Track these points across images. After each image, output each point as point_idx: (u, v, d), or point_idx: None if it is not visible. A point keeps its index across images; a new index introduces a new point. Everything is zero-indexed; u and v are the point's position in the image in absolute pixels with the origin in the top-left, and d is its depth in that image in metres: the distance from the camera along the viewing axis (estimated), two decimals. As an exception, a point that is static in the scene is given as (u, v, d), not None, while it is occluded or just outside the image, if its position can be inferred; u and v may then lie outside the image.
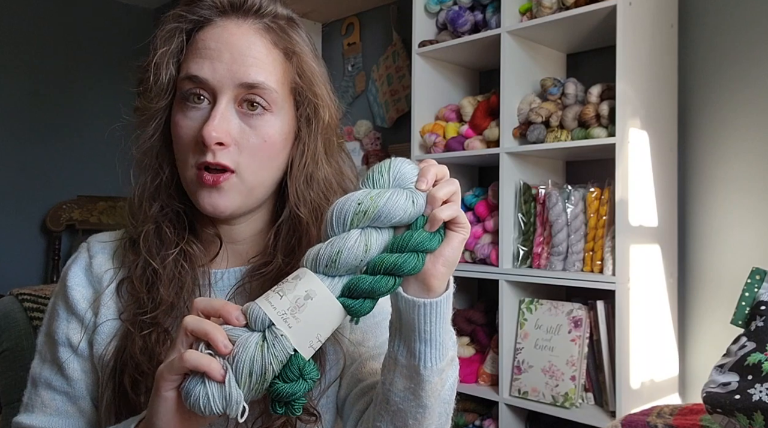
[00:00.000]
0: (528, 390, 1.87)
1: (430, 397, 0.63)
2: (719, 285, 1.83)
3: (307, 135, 0.76)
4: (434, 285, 0.60)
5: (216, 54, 0.70)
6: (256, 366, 0.54)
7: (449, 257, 0.60)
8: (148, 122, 0.74)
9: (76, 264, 0.79)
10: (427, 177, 0.60)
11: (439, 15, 2.19)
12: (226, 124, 0.69)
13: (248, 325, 0.56)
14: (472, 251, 2.09)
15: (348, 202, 0.58)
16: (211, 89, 0.70)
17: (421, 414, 0.64)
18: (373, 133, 2.76)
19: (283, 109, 0.73)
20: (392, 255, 0.58)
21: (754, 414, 0.99)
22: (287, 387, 0.55)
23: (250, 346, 0.54)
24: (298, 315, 0.55)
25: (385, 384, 0.65)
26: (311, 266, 0.57)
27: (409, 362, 0.62)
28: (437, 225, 0.59)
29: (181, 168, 0.72)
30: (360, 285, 0.57)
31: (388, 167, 0.60)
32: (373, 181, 0.59)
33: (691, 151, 1.90)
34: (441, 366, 0.63)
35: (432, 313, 0.60)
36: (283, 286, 0.57)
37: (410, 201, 0.58)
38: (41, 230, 3.44)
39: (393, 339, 0.64)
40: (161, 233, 0.74)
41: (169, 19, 0.74)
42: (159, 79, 0.72)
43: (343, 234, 0.58)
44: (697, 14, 1.90)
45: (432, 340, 0.61)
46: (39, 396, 0.76)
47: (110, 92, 3.39)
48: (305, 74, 0.75)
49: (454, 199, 0.60)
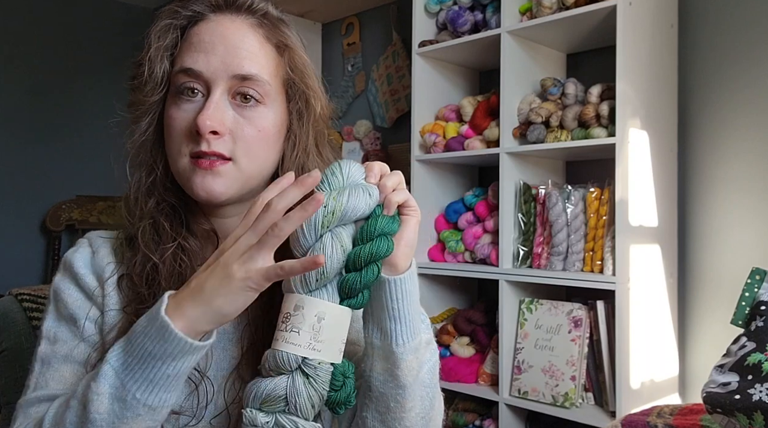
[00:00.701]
0: (528, 390, 1.87)
1: (407, 377, 0.66)
2: (719, 285, 1.83)
3: (299, 128, 0.77)
4: (398, 264, 0.65)
5: (210, 47, 0.71)
6: (314, 400, 0.59)
7: (409, 239, 0.66)
8: (142, 117, 0.74)
9: (80, 253, 0.78)
10: (374, 171, 0.65)
11: (439, 15, 2.19)
12: (221, 114, 0.70)
13: (282, 371, 0.59)
14: (472, 251, 2.09)
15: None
16: (205, 81, 0.71)
17: (401, 396, 0.66)
18: (373, 132, 2.76)
19: (276, 101, 0.74)
20: (365, 245, 0.62)
21: (754, 414, 0.99)
22: (340, 393, 0.61)
23: (300, 388, 0.59)
24: (320, 338, 0.59)
25: (365, 371, 0.68)
26: (302, 288, 0.61)
27: (383, 343, 0.66)
28: (394, 208, 0.64)
29: (174, 158, 0.72)
30: (353, 284, 0.61)
31: (339, 169, 0.64)
32: (329, 183, 0.63)
33: (691, 151, 1.90)
34: (414, 345, 0.66)
35: (398, 290, 0.64)
36: (292, 322, 0.60)
37: (367, 194, 0.63)
38: (41, 230, 3.43)
39: (367, 325, 0.67)
40: (159, 228, 0.74)
41: (163, 15, 0.75)
42: (153, 73, 0.72)
43: (316, 245, 0.61)
44: (697, 14, 1.90)
45: (401, 318, 0.65)
46: (56, 371, 0.72)
47: (110, 92, 3.38)
48: (297, 67, 0.76)
49: (400, 188, 0.66)
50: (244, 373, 0.73)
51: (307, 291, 0.60)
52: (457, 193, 2.29)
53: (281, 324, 0.60)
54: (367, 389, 0.68)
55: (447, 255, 2.17)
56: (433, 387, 0.71)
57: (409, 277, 0.65)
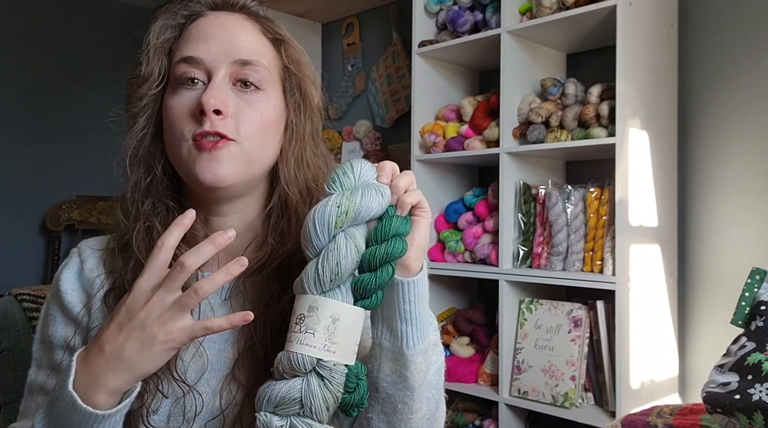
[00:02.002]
0: (528, 390, 1.87)
1: (416, 378, 0.66)
2: (719, 285, 1.83)
3: (297, 119, 0.77)
4: (411, 265, 0.64)
5: (209, 36, 0.72)
6: (329, 402, 0.59)
7: (421, 240, 0.65)
8: (140, 113, 0.74)
9: (68, 269, 0.79)
10: (386, 170, 0.64)
11: (439, 15, 2.19)
12: (223, 96, 0.70)
13: (296, 373, 0.59)
14: (472, 251, 2.09)
15: (327, 208, 0.61)
16: (206, 68, 0.71)
17: (409, 398, 0.66)
18: (373, 133, 2.76)
19: (274, 91, 0.75)
20: (380, 245, 0.62)
21: (754, 413, 0.99)
22: (354, 395, 0.60)
23: (315, 390, 0.58)
24: (335, 339, 0.59)
25: (372, 372, 0.67)
26: (316, 289, 0.60)
27: (393, 344, 0.65)
28: (407, 209, 0.64)
29: (176, 145, 0.71)
30: (367, 285, 0.61)
31: (351, 168, 0.64)
32: (341, 183, 0.63)
33: (691, 151, 1.90)
34: (423, 347, 0.66)
35: (411, 292, 0.64)
36: (307, 323, 0.59)
37: (379, 194, 0.62)
38: (40, 230, 3.43)
39: (376, 326, 0.67)
40: (152, 232, 0.73)
41: (161, 14, 0.76)
42: (152, 69, 0.73)
43: (330, 245, 0.60)
44: (697, 14, 1.90)
45: (412, 319, 0.64)
46: (34, 402, 0.75)
47: (110, 92, 3.36)
48: (293, 58, 0.77)
49: (412, 188, 0.65)
50: (240, 375, 0.72)
51: (321, 292, 0.60)
52: (457, 193, 2.29)
53: (295, 326, 0.59)
54: (374, 390, 0.67)
55: (447, 255, 2.17)
56: (439, 389, 0.71)
57: (421, 279, 0.65)
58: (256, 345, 0.71)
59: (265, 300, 0.73)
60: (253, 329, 0.72)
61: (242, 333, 0.73)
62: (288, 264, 0.74)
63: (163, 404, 0.70)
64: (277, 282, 0.74)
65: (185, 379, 0.71)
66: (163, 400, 0.71)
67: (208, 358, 0.73)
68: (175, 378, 0.70)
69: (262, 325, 0.72)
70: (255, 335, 0.72)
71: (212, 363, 0.73)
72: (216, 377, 0.73)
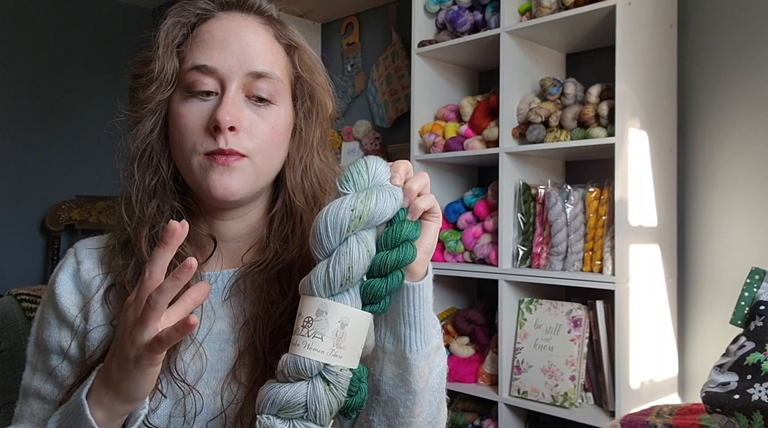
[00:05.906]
0: (527, 390, 1.87)
1: (418, 382, 0.65)
2: (719, 285, 1.83)
3: (306, 126, 0.77)
4: (418, 270, 0.63)
5: (224, 44, 0.70)
6: (333, 407, 0.58)
7: (429, 244, 0.64)
8: (148, 115, 0.72)
9: (64, 271, 0.78)
10: (400, 172, 0.63)
11: (439, 15, 2.19)
12: (237, 111, 0.70)
13: (302, 377, 0.58)
14: (472, 251, 2.09)
15: (341, 210, 0.59)
16: (220, 78, 0.70)
17: (411, 401, 0.66)
18: (373, 133, 2.76)
19: (285, 100, 0.74)
20: (392, 251, 0.60)
21: (754, 413, 0.99)
22: (355, 398, 0.60)
23: (321, 395, 0.57)
24: (342, 344, 0.58)
25: (374, 374, 0.66)
26: (325, 292, 0.58)
27: (396, 348, 0.65)
28: (419, 214, 0.62)
29: (187, 157, 0.70)
30: (378, 290, 0.60)
31: (366, 167, 0.62)
32: (354, 183, 0.61)
33: (691, 151, 1.90)
34: (426, 351, 0.65)
35: (416, 296, 0.63)
36: (315, 327, 0.57)
37: (392, 197, 0.61)
38: (40, 230, 3.43)
39: (379, 329, 0.66)
40: (156, 235, 0.72)
41: (172, 12, 0.74)
42: (163, 70, 0.71)
43: (342, 248, 0.59)
44: (697, 14, 1.90)
45: (416, 324, 0.64)
46: (29, 406, 0.75)
47: (109, 92, 3.39)
48: (306, 65, 0.76)
49: (426, 192, 0.64)
50: (240, 375, 0.72)
51: (330, 296, 0.58)
52: (456, 193, 2.29)
53: (302, 329, 0.58)
54: (375, 393, 0.67)
55: (446, 255, 2.17)
56: (441, 392, 0.70)
57: (426, 283, 0.64)
58: (256, 345, 0.72)
59: (266, 301, 0.73)
60: (253, 329, 0.72)
61: (242, 333, 0.74)
62: (289, 269, 0.74)
63: (164, 404, 0.70)
64: (277, 285, 0.74)
65: (185, 379, 0.71)
66: (164, 400, 0.70)
67: (207, 358, 0.73)
68: (175, 378, 0.70)
69: (262, 325, 0.72)
70: (255, 335, 0.72)
71: (212, 363, 0.73)
72: (216, 377, 0.73)
